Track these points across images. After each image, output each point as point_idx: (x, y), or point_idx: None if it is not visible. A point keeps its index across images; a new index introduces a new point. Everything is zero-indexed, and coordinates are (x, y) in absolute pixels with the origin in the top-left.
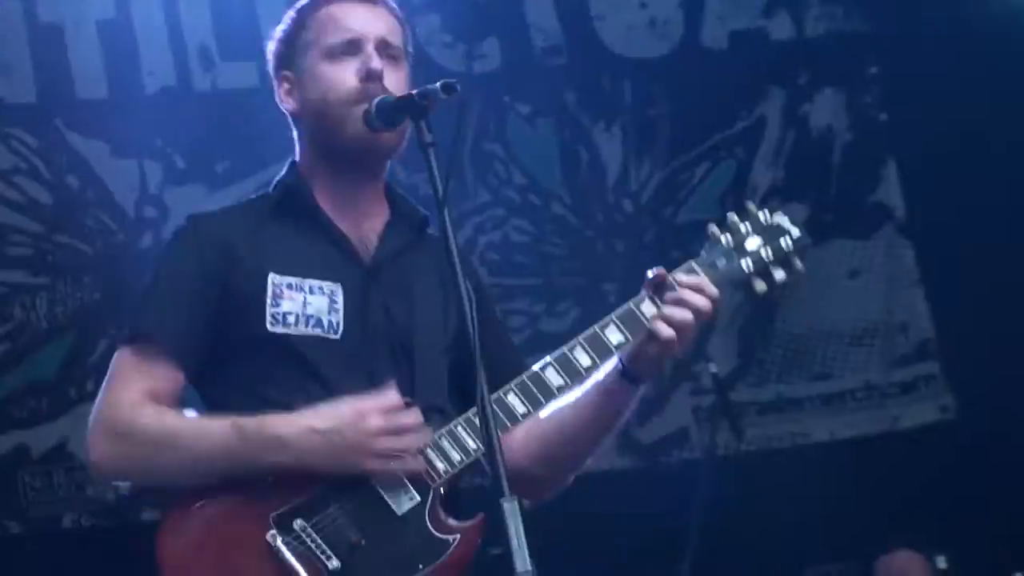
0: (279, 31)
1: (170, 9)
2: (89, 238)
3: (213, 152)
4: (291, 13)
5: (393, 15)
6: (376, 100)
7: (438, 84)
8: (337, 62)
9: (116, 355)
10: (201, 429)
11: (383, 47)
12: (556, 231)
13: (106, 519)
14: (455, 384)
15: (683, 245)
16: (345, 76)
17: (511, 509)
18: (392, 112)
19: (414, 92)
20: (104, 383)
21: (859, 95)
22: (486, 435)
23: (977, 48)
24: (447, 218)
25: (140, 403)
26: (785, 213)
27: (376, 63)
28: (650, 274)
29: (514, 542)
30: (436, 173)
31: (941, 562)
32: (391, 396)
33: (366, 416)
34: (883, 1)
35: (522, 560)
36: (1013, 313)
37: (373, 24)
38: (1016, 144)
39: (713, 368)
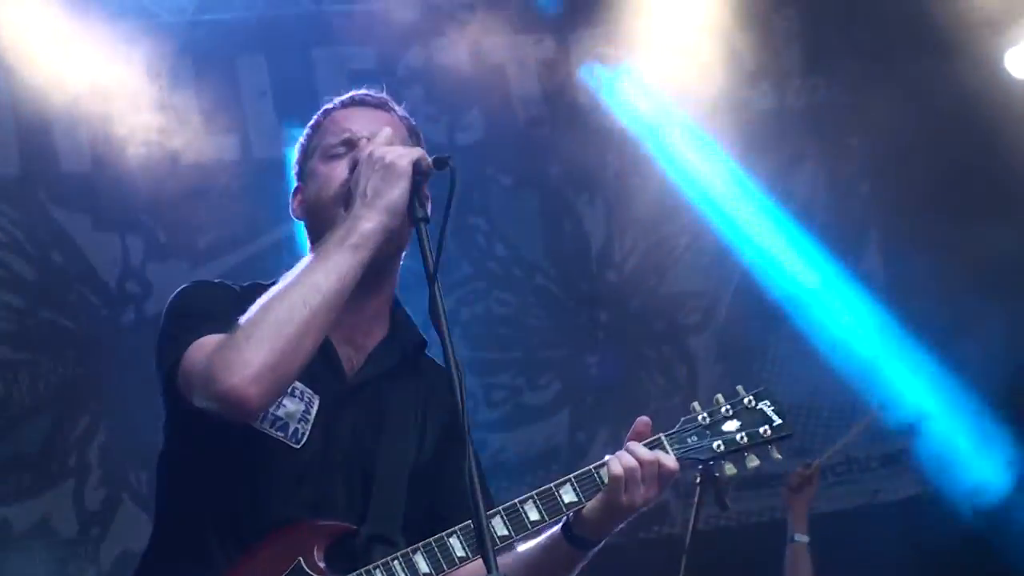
0: (297, 146)
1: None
2: (72, 313)
3: (196, 226)
4: (307, 128)
5: (396, 118)
6: None
7: (431, 159)
8: (332, 161)
9: (184, 358)
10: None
11: None
12: (539, 302)
13: None
14: (419, 510)
15: (667, 316)
16: (337, 172)
17: None
18: None
19: None
20: (193, 376)
21: (840, 166)
22: (475, 514)
23: (956, 114)
24: (439, 294)
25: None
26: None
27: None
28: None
29: None
30: (428, 248)
31: None
32: None
33: None
34: (862, 73)
35: None
36: (995, 382)
37: (370, 125)
38: (998, 210)
39: None
